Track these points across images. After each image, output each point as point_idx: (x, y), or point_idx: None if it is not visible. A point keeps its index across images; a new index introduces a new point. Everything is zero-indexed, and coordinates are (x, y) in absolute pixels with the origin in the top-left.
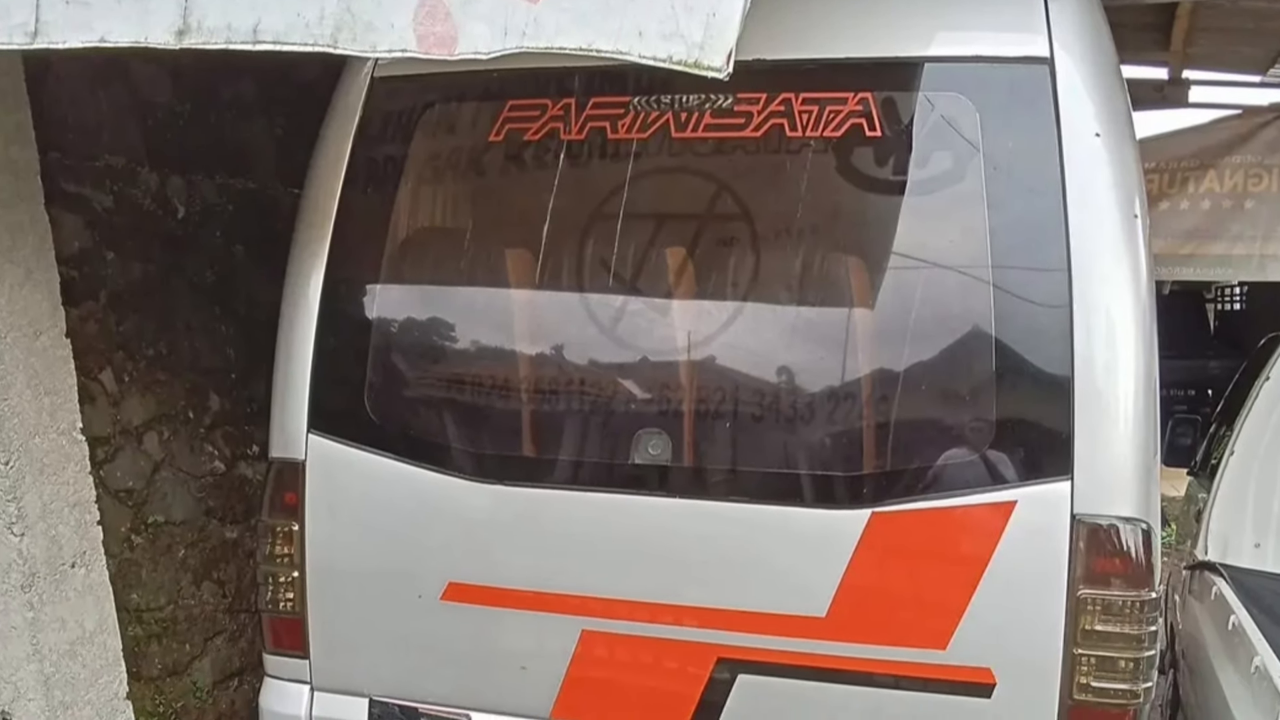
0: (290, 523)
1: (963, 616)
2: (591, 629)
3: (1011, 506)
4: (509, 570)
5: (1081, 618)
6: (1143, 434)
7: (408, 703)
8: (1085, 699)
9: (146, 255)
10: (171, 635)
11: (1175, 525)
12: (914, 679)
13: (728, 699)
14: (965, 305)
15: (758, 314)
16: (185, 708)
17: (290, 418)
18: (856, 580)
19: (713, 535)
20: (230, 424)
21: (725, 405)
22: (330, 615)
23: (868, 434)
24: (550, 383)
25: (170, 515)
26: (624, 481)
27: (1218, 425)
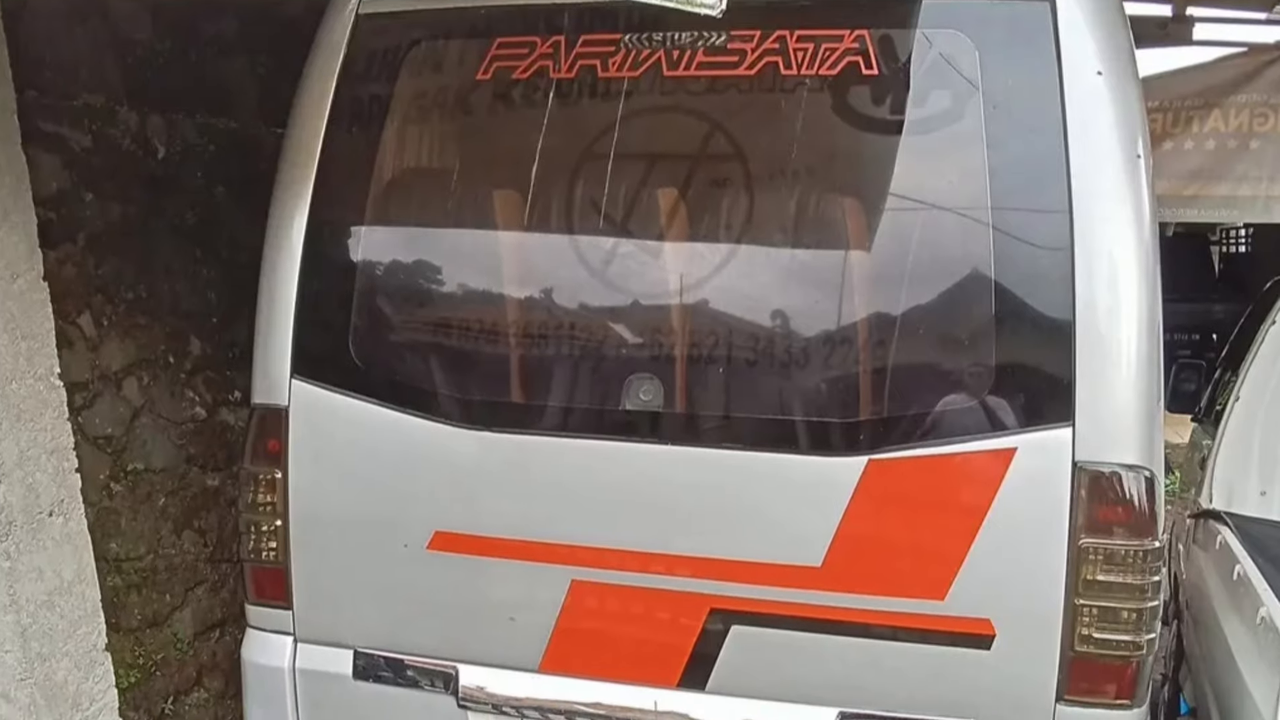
0: (273, 470)
1: (961, 566)
2: (581, 579)
3: (1011, 454)
4: (497, 519)
5: (1083, 567)
6: (1146, 379)
7: (393, 654)
8: (1087, 650)
9: (126, 196)
10: (151, 585)
11: (1179, 473)
12: (911, 630)
13: (721, 650)
14: (964, 248)
15: (752, 257)
16: (165, 659)
17: (273, 363)
18: (853, 529)
19: (706, 483)
20: (212, 369)
21: (718, 350)
22: (314, 565)
23: (864, 379)
24: (539, 327)
25: (150, 462)
26: (615, 428)
27: (1223, 370)
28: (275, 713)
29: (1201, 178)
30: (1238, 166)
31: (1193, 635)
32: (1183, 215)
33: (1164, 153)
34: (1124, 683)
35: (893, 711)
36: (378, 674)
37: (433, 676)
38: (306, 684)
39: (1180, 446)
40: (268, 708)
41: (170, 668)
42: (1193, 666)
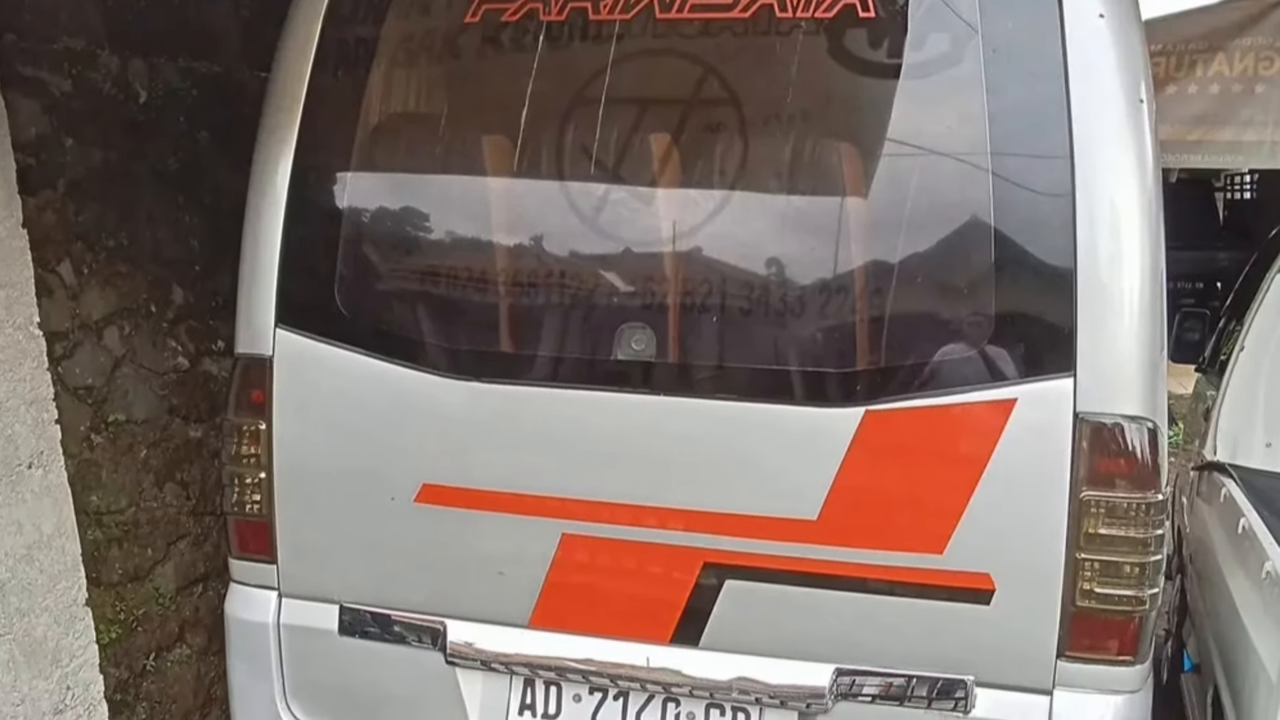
0: (257, 421)
1: (960, 520)
2: (572, 532)
3: (1011, 404)
4: (486, 471)
5: (1085, 521)
6: (1148, 328)
7: (380, 610)
8: (1088, 605)
9: (107, 142)
10: (133, 539)
11: (1182, 424)
12: (909, 585)
13: (714, 605)
14: (963, 194)
15: (746, 203)
16: (147, 615)
17: (257, 312)
18: (849, 482)
19: (699, 434)
20: (194, 318)
21: (712, 299)
22: (299, 518)
23: (861, 329)
24: (529, 275)
25: (131, 413)
26: (606, 378)
27: (1227, 319)
28: (259, 669)
29: (1206, 123)
30: (1243, 111)
31: (1196, 590)
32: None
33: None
34: (1126, 639)
35: (890, 668)
36: (364, 630)
37: (420, 632)
38: (291, 640)
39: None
40: (251, 664)
41: (152, 623)
42: (1196, 622)
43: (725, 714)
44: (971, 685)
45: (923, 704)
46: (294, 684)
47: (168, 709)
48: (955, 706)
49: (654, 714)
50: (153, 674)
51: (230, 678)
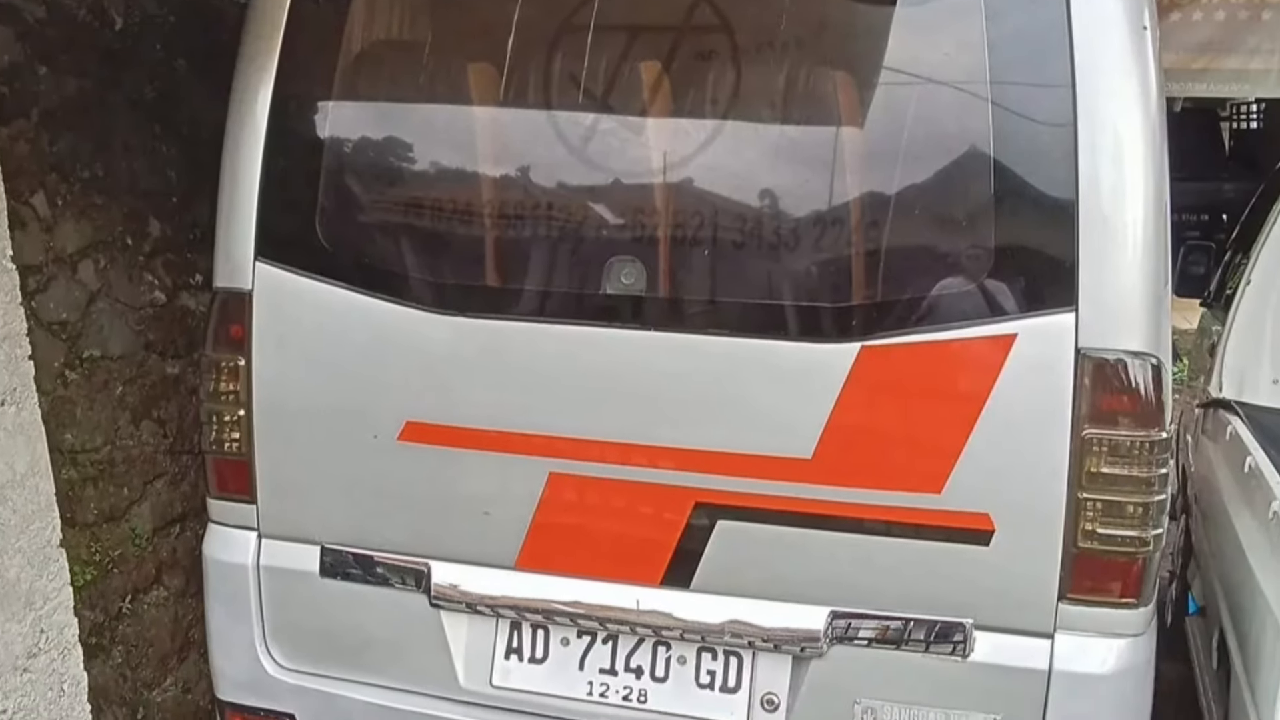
0: (236, 357)
1: (959, 458)
2: (559, 471)
3: (1011, 340)
4: (471, 408)
5: (1087, 459)
6: (1152, 262)
7: (362, 551)
8: (1091, 546)
9: (82, 70)
10: (108, 478)
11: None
12: (906, 525)
13: (706, 547)
14: (961, 124)
15: (739, 133)
16: (123, 556)
17: (236, 245)
18: (845, 419)
19: (690, 371)
20: (172, 251)
21: (704, 231)
22: (279, 457)
23: (857, 262)
24: (516, 207)
25: (107, 349)
26: (595, 313)
27: (1233, 252)
28: (238, 611)
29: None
30: (1249, 39)
31: (1201, 530)
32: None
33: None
34: (1129, 580)
35: (886, 611)
36: (346, 571)
37: (404, 574)
38: (271, 581)
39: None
40: (230, 606)
41: (128, 564)
42: (1201, 563)
43: (717, 658)
44: (970, 628)
45: (920, 647)
46: (274, 627)
47: (144, 652)
48: (954, 650)
49: (644, 658)
50: (129, 617)
51: (208, 621)
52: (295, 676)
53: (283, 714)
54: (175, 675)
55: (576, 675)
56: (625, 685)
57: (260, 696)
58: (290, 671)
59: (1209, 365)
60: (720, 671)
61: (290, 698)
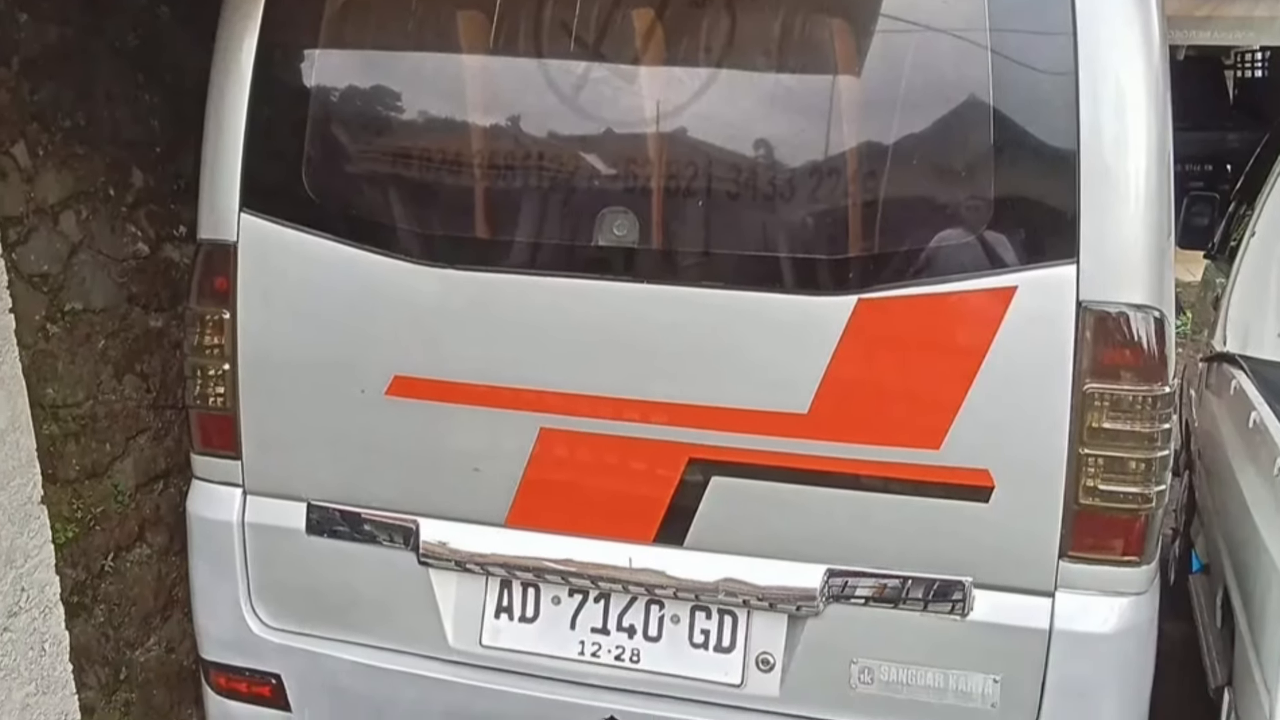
0: (220, 310)
1: (958, 414)
2: (550, 427)
3: (1011, 292)
4: (460, 362)
5: (1088, 414)
6: (1155, 213)
7: (349, 508)
8: (1092, 503)
9: (63, 17)
10: (90, 433)
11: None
12: (904, 481)
13: (700, 503)
14: (960, 72)
15: (733, 82)
16: (105, 512)
17: (221, 196)
18: (841, 374)
19: (684, 324)
20: (155, 202)
21: (698, 182)
22: (264, 412)
23: (853, 213)
24: (506, 157)
25: (89, 302)
26: (586, 265)
27: (1237, 203)
28: (222, 569)
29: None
30: None
31: (1205, 487)
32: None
33: None
34: (1132, 538)
35: (884, 569)
36: (332, 529)
37: (391, 531)
38: (256, 539)
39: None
40: (214, 564)
41: (110, 521)
42: (1205, 520)
43: (711, 617)
44: (969, 587)
45: (918, 606)
46: (259, 585)
47: (127, 611)
48: (953, 609)
49: (637, 617)
50: (111, 575)
51: (192, 579)
52: (281, 636)
53: (268, 674)
54: (158, 634)
55: (568, 634)
56: (617, 645)
57: (245, 656)
58: (276, 631)
59: (1213, 318)
60: (714, 631)
61: (276, 657)
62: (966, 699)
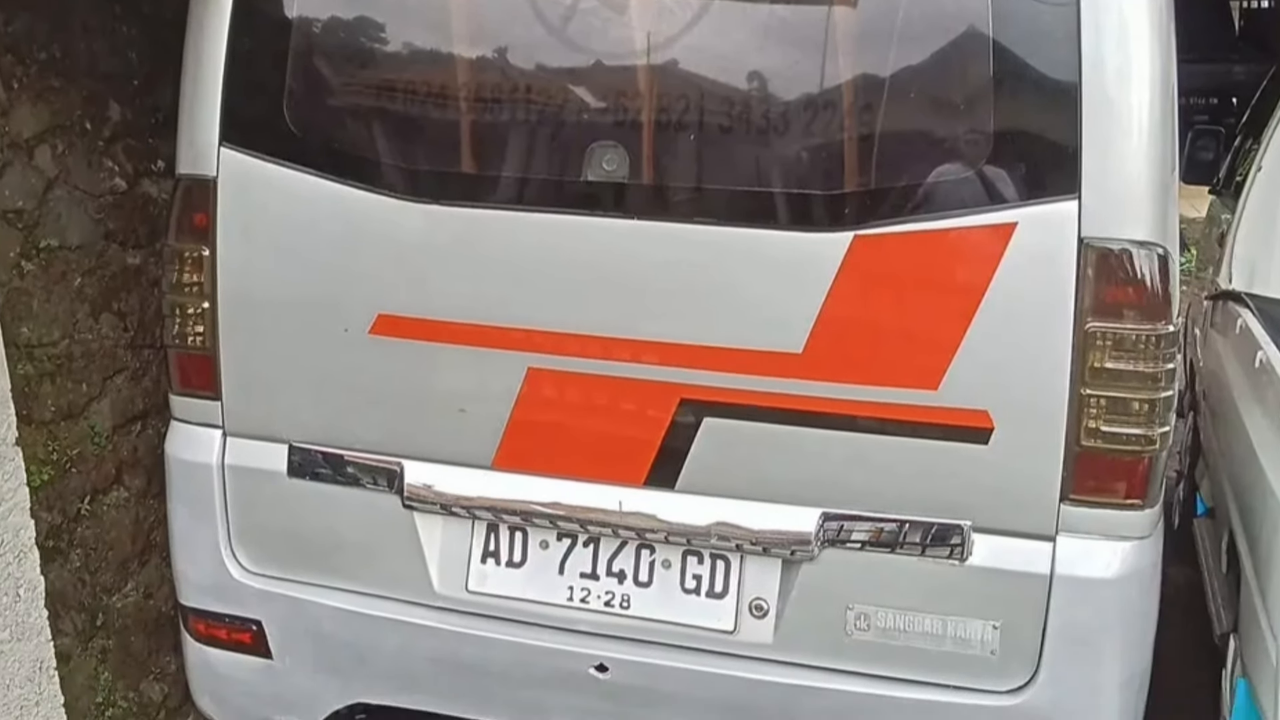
0: (200, 247)
1: (956, 353)
2: (538, 366)
3: (1011, 229)
4: (446, 300)
5: (1090, 354)
6: (1159, 147)
7: (332, 450)
8: (1094, 445)
9: None
10: (66, 373)
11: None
12: (901, 423)
13: (692, 445)
14: (959, 2)
15: (726, 12)
16: (82, 454)
17: (200, 129)
18: (837, 312)
19: (675, 261)
20: (133, 136)
21: (690, 115)
22: (245, 352)
23: (849, 148)
24: (493, 90)
25: (65, 239)
26: (575, 200)
27: (1243, 137)
28: (202, 513)
29: None
30: None
31: (1210, 428)
32: None
33: None
34: (1135, 481)
35: (880, 512)
36: (315, 471)
37: (375, 474)
38: (236, 481)
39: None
40: (194, 507)
41: (87, 464)
42: (1210, 463)
43: (703, 561)
44: (968, 531)
45: (916, 551)
46: (239, 529)
47: (104, 555)
48: (951, 553)
49: (627, 561)
50: (88, 518)
51: (171, 522)
52: (262, 581)
53: (248, 620)
54: (136, 580)
55: (556, 580)
56: (607, 590)
57: (225, 602)
58: (256, 576)
59: (1218, 255)
60: (706, 576)
61: (256, 603)
62: (965, 646)
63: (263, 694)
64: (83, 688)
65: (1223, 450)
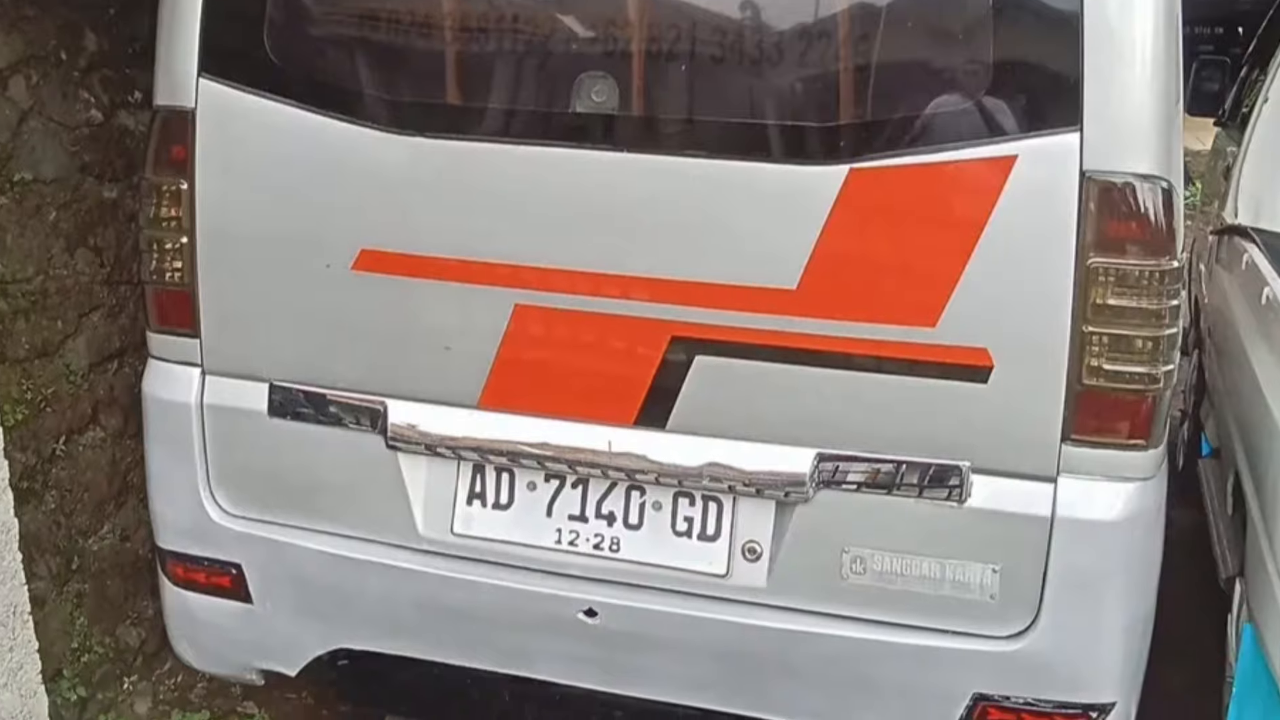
0: (178, 180)
1: (955, 289)
2: (526, 303)
3: (1011, 162)
4: (431, 235)
5: (1092, 290)
6: (1162, 78)
7: (314, 388)
8: (1097, 384)
9: None
10: (41, 311)
11: (1200, 184)
12: (898, 361)
13: (683, 384)
14: None
15: None
16: (57, 394)
17: (178, 59)
18: (832, 247)
19: (666, 195)
20: (109, 66)
21: (681, 45)
22: (224, 288)
23: (845, 78)
24: (479, 19)
25: (40, 172)
26: (564, 133)
27: (1249, 67)
28: (180, 453)
29: None
30: None
31: (1216, 367)
32: None
33: None
34: (1138, 420)
35: (877, 453)
36: (296, 410)
37: (358, 413)
38: (215, 421)
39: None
40: (171, 447)
41: (62, 403)
42: (1216, 402)
43: (695, 503)
44: (967, 472)
45: (913, 492)
46: (219, 470)
47: (79, 497)
48: (949, 495)
49: (616, 503)
50: (63, 459)
51: (148, 463)
52: (241, 524)
53: (228, 563)
54: (112, 522)
55: (544, 522)
56: (596, 533)
57: (204, 545)
58: (236, 518)
59: (1224, 189)
60: (698, 518)
61: (236, 546)
62: (964, 590)
63: (242, 639)
64: (58, 633)
65: (1228, 389)
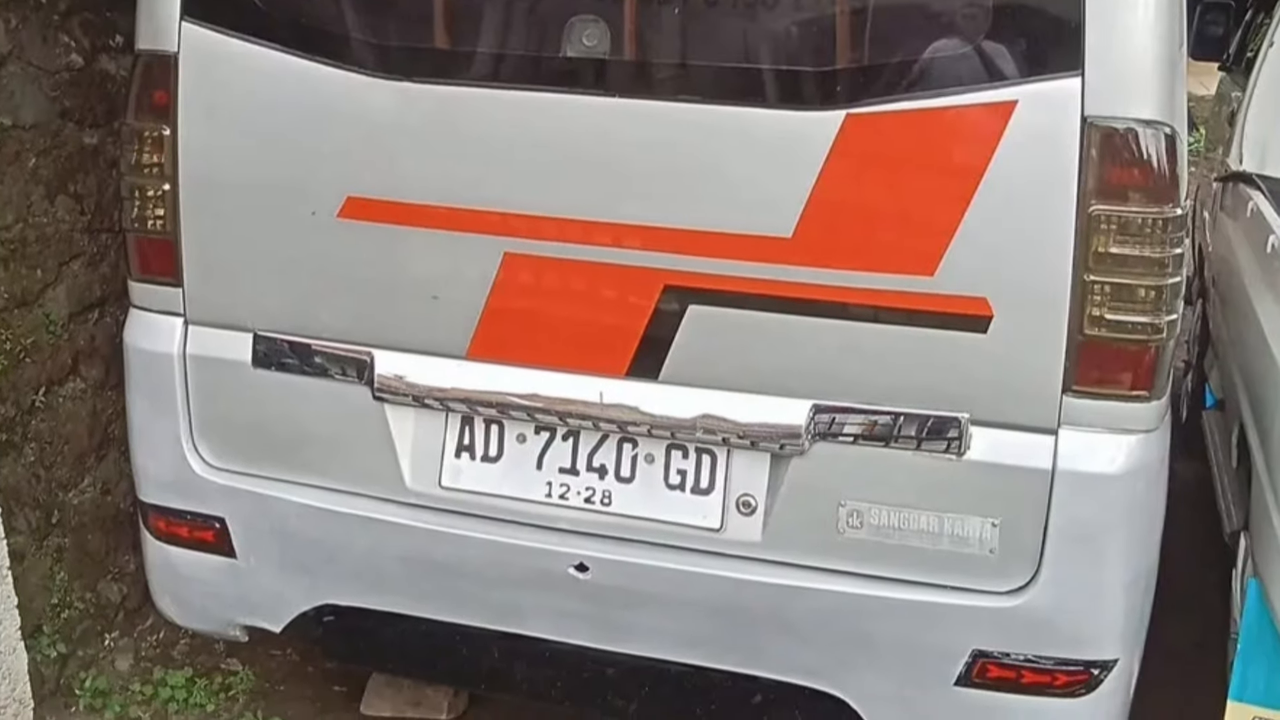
0: (160, 126)
1: (953, 238)
2: (515, 251)
3: (1011, 107)
4: (418, 182)
5: (1094, 238)
6: (1165, 21)
7: (299, 338)
8: (1099, 334)
9: None
10: (20, 259)
11: (1204, 130)
12: (896, 310)
13: (677, 334)
14: None
15: None
16: (36, 344)
17: (160, 3)
18: (828, 195)
19: (659, 141)
20: (90, 10)
21: None
22: (207, 236)
23: (841, 21)
24: None
25: (19, 117)
26: (554, 77)
27: (1254, 11)
28: (162, 404)
29: None
30: None
31: (1220, 317)
32: None
33: None
34: (1141, 371)
35: (874, 404)
36: (281, 361)
37: (344, 364)
38: (198, 372)
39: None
40: (154, 399)
41: (42, 353)
42: (1220, 352)
43: (688, 456)
44: (966, 424)
45: (911, 444)
46: (202, 422)
47: (59, 449)
48: (948, 447)
49: (608, 456)
50: (43, 410)
51: (130, 415)
52: (225, 476)
53: (211, 517)
54: (93, 475)
55: (534, 475)
56: (587, 486)
57: (187, 498)
58: (219, 471)
59: (1228, 135)
60: (692, 471)
61: (219, 499)
62: (963, 544)
63: (226, 595)
64: (37, 588)
65: (1233, 339)
